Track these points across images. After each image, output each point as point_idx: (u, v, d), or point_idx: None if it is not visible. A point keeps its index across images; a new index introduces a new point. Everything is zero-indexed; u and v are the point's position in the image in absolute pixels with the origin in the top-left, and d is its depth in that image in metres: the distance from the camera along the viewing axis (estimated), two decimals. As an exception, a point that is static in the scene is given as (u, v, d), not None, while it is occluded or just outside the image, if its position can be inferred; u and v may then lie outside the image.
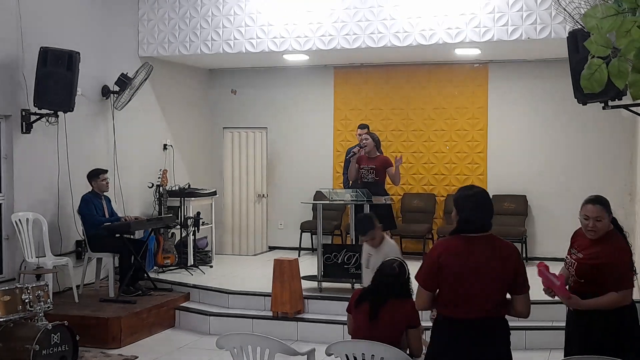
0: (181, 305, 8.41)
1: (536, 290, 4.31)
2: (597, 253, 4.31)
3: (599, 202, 4.34)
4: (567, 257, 4.55)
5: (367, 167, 8.58)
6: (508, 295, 3.86)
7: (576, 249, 4.48)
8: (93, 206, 8.31)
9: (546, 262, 4.51)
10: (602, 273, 4.26)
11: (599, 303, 4.26)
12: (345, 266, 8.00)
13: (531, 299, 3.89)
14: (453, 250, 3.81)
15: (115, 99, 9.32)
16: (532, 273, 3.89)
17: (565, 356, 4.31)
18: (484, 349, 3.76)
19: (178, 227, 9.80)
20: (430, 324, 4.16)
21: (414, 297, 4.21)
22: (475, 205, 3.84)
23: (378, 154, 8.77)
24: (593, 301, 4.27)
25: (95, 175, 8.44)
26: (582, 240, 4.46)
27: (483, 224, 3.83)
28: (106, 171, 8.60)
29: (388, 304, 4.71)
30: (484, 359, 3.77)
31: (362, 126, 9.81)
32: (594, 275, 4.31)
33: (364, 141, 8.66)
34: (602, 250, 4.29)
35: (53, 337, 6.24)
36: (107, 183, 8.53)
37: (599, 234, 4.32)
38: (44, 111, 8.02)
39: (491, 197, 4.05)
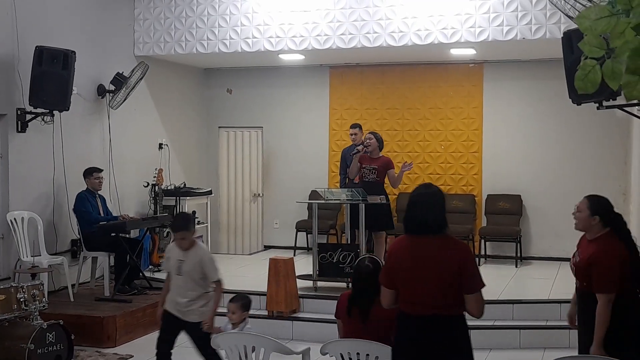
0: (176, 304, 8.40)
1: (536, 291, 4.34)
2: (589, 254, 4.38)
3: (588, 197, 4.55)
4: (570, 264, 4.64)
5: (369, 167, 8.59)
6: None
7: (578, 253, 4.57)
8: (89, 204, 8.31)
9: (542, 262, 4.55)
10: (591, 274, 4.34)
11: (598, 328, 4.30)
12: (341, 265, 8.00)
13: (530, 298, 3.91)
14: (401, 250, 3.89)
15: (110, 98, 9.32)
16: (526, 273, 3.92)
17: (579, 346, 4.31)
18: (439, 346, 3.79)
19: (173, 226, 9.78)
20: None
21: None
22: (423, 205, 3.88)
23: (381, 154, 8.78)
24: (596, 332, 4.31)
25: (89, 173, 8.44)
26: (582, 242, 4.56)
27: (430, 225, 3.84)
28: (101, 170, 8.59)
29: (375, 301, 4.69)
30: (439, 355, 3.79)
31: (354, 125, 9.78)
32: (588, 276, 4.38)
33: (368, 141, 8.66)
34: (594, 251, 4.37)
35: (48, 336, 6.24)
36: (100, 182, 8.52)
37: (577, 226, 4.52)
38: (39, 110, 8.01)
39: (486, 196, 4.09)
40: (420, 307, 3.80)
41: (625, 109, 5.89)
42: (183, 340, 7.69)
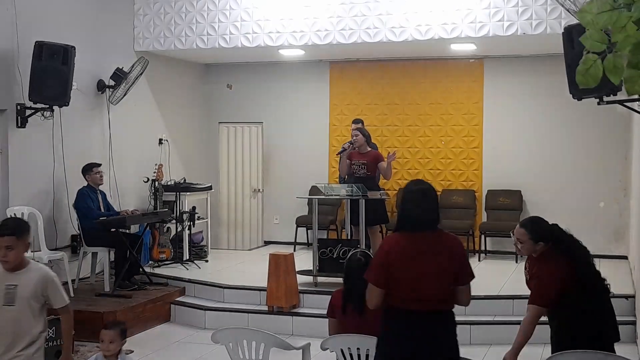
0: (176, 299, 8.42)
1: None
2: (532, 272, 4.46)
3: (523, 225, 4.51)
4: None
5: (358, 162, 8.58)
6: None
7: (526, 272, 4.62)
8: (90, 200, 8.31)
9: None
10: (531, 288, 4.44)
11: (518, 336, 4.38)
12: (341, 261, 7.96)
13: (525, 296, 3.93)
14: (400, 248, 3.85)
15: (110, 93, 9.31)
16: (521, 269, 3.96)
17: None
18: (434, 340, 3.82)
19: (173, 221, 9.80)
20: None
21: None
22: (418, 202, 3.88)
23: (369, 148, 8.78)
24: (515, 341, 4.40)
25: (89, 168, 8.44)
26: (530, 260, 4.59)
27: (425, 221, 3.85)
28: (100, 165, 8.59)
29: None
30: (435, 349, 3.82)
31: (356, 121, 9.78)
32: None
33: (355, 137, 8.67)
34: (536, 268, 4.43)
35: (48, 331, 6.22)
36: (101, 176, 8.52)
37: (523, 253, 4.54)
38: (39, 105, 8.00)
39: (486, 192, 4.11)
40: (418, 303, 3.79)
41: (626, 104, 5.87)
42: (181, 335, 7.72)
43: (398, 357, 3.84)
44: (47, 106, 8.04)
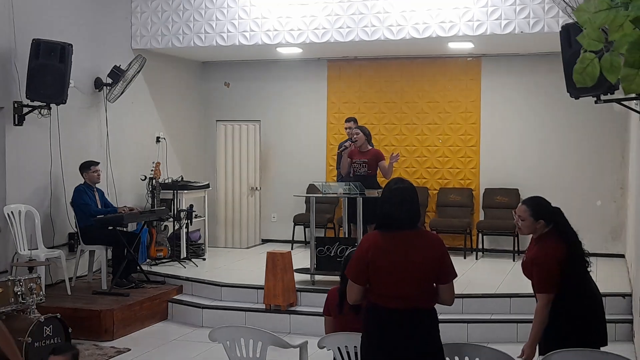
0: (174, 297, 8.42)
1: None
2: (532, 255, 4.45)
3: (525, 202, 4.52)
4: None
5: (359, 161, 8.59)
6: None
7: (525, 253, 4.64)
8: (87, 197, 8.30)
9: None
10: (532, 274, 4.42)
11: (533, 328, 4.37)
12: (338, 259, 7.98)
13: (528, 292, 3.93)
14: (379, 246, 3.85)
15: (108, 91, 9.30)
16: (518, 267, 3.95)
17: None
18: (415, 338, 3.81)
19: (171, 219, 9.80)
20: None
21: None
22: (397, 201, 3.88)
23: (370, 147, 8.78)
24: (531, 332, 4.38)
25: (86, 166, 8.43)
26: (531, 241, 4.59)
27: (404, 220, 3.85)
28: (98, 163, 8.58)
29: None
30: (415, 348, 3.81)
31: (349, 119, 9.75)
32: (530, 276, 4.47)
33: (355, 136, 8.66)
34: (536, 252, 4.42)
35: (45, 329, 6.23)
36: (99, 175, 8.51)
37: (524, 232, 4.51)
38: (36, 103, 7.99)
39: (483, 190, 4.11)
40: (399, 302, 3.80)
41: (623, 103, 5.88)
42: (178, 333, 7.72)
43: (379, 355, 3.85)
44: (45, 104, 8.03)
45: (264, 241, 11.53)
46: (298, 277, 8.07)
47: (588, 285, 4.47)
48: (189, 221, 9.91)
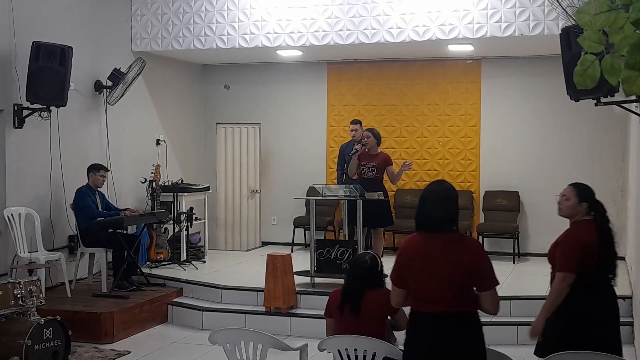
0: (174, 300, 8.42)
1: (534, 287, 4.40)
2: (561, 236, 4.53)
3: (573, 184, 4.66)
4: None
5: (368, 165, 8.59)
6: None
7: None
8: (89, 199, 8.29)
9: (539, 258, 4.60)
10: (556, 253, 4.49)
11: (548, 301, 4.42)
12: (338, 262, 8.00)
13: (528, 294, 3.91)
14: (413, 248, 3.83)
15: (108, 94, 9.30)
16: (524, 269, 3.94)
17: None
18: (452, 344, 3.73)
19: (171, 222, 9.79)
20: None
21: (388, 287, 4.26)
22: (432, 202, 3.84)
23: (379, 151, 8.78)
24: (544, 305, 4.44)
25: (95, 168, 8.42)
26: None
27: (438, 222, 3.79)
28: (108, 170, 8.60)
29: (365, 297, 4.68)
30: (453, 353, 3.73)
31: (355, 121, 9.75)
32: (552, 259, 4.54)
33: (366, 139, 8.65)
34: (566, 232, 4.52)
35: (45, 332, 6.23)
36: (104, 180, 8.51)
37: (563, 212, 4.60)
38: (36, 106, 7.98)
39: (483, 193, 4.09)
40: (432, 305, 3.74)
41: (623, 105, 5.88)
42: (178, 336, 7.71)
43: (416, 359, 3.82)
44: (45, 107, 8.02)
45: (264, 244, 11.53)
46: (298, 279, 8.07)
47: (605, 287, 4.48)
48: (189, 224, 9.91)
